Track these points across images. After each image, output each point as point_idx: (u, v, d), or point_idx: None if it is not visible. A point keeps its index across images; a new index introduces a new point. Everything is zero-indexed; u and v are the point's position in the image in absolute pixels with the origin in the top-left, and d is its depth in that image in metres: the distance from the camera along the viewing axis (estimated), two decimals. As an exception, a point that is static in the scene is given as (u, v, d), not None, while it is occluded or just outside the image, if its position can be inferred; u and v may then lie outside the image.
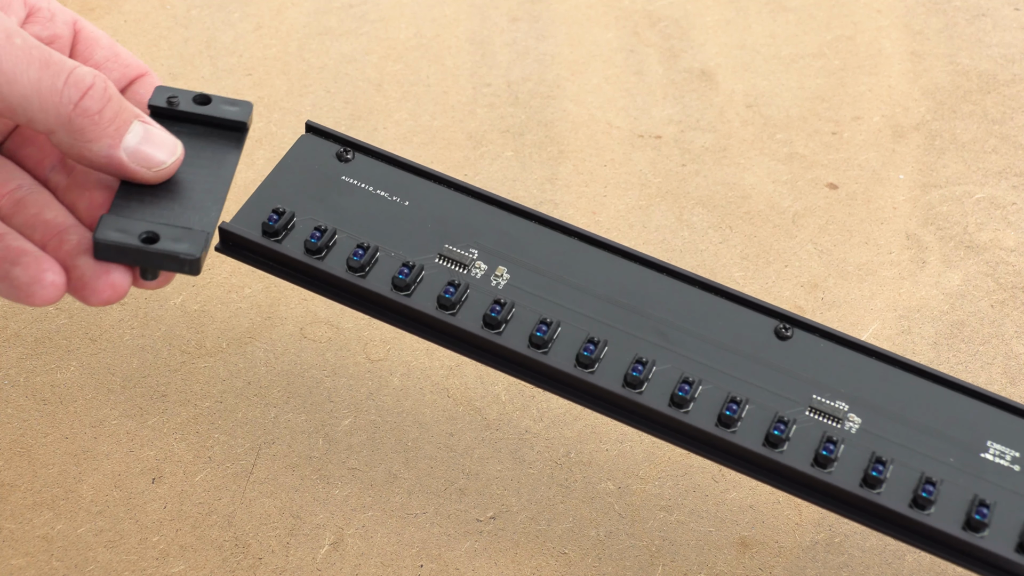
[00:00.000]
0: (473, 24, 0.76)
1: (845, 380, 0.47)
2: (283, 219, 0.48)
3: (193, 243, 0.45)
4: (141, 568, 0.53)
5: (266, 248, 0.48)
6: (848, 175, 0.69)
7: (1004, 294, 0.64)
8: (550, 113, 0.71)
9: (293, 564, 0.53)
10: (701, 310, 0.48)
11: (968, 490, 0.44)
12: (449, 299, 0.47)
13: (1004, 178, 0.69)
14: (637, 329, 0.47)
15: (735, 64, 0.75)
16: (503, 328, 0.47)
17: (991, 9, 0.78)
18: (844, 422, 0.46)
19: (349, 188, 0.50)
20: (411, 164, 0.51)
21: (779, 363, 0.47)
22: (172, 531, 0.54)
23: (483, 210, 0.50)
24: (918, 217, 0.67)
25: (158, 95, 0.49)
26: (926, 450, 0.45)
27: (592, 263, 0.49)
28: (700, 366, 0.47)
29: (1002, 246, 0.66)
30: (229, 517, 0.55)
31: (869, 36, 0.76)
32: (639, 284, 0.49)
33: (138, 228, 0.45)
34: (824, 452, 0.44)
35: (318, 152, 0.51)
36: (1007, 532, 0.43)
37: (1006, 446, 0.45)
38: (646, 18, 0.77)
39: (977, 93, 0.73)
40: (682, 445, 0.46)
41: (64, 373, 0.59)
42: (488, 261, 0.49)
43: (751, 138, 0.70)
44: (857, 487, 0.44)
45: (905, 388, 0.47)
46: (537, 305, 0.48)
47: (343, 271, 0.48)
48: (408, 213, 0.50)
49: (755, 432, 0.45)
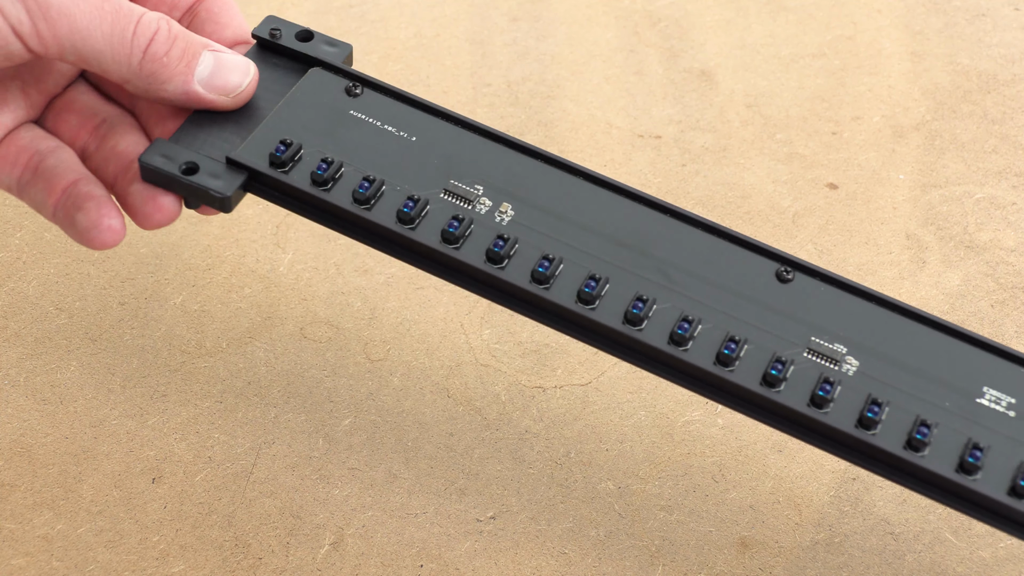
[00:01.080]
0: (473, 24, 0.76)
1: (844, 324, 0.47)
2: (290, 150, 0.48)
3: (228, 181, 0.46)
4: (141, 568, 0.53)
5: (273, 179, 0.48)
6: (848, 175, 0.69)
7: (1004, 294, 0.64)
8: (550, 113, 0.71)
9: (293, 564, 0.53)
10: (703, 251, 0.48)
11: (963, 434, 0.44)
12: (453, 233, 0.47)
13: (1004, 178, 0.69)
14: (639, 268, 0.48)
15: (735, 64, 0.75)
16: (506, 263, 0.47)
17: (991, 9, 0.78)
18: (842, 364, 0.46)
19: (357, 123, 0.50)
20: (420, 100, 0.51)
21: (779, 305, 0.47)
22: (172, 531, 0.54)
23: (490, 148, 0.50)
24: (918, 217, 0.67)
25: (264, 25, 0.51)
26: (922, 394, 0.45)
27: (596, 203, 0.49)
28: (700, 306, 0.47)
29: (1002, 246, 0.66)
30: (229, 517, 0.55)
31: (869, 36, 0.76)
32: (642, 224, 0.49)
33: (183, 156, 0.47)
34: (820, 392, 0.45)
35: (327, 86, 0.51)
36: (1000, 475, 0.44)
37: (1002, 392, 0.46)
38: (646, 18, 0.77)
39: (977, 93, 0.73)
40: (680, 383, 0.46)
41: (64, 373, 0.59)
42: (493, 197, 0.49)
43: (751, 138, 0.71)
44: (853, 428, 0.44)
45: (903, 333, 0.47)
46: (540, 242, 0.48)
47: (348, 203, 0.48)
48: (415, 149, 0.50)
49: (753, 371, 0.45)
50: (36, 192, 0.47)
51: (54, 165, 0.47)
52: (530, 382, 0.59)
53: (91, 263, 0.63)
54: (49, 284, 0.62)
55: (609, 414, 0.58)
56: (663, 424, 0.58)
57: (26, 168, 0.47)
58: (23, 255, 0.63)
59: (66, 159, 0.48)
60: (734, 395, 0.46)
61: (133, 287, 0.62)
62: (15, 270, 0.62)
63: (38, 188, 0.47)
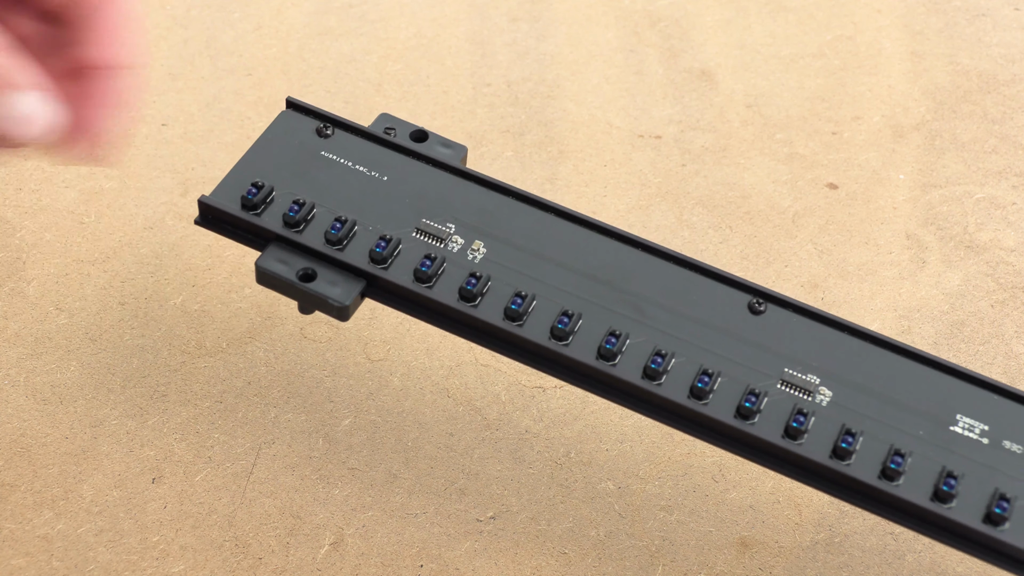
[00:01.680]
0: (473, 24, 0.76)
1: (817, 354, 0.47)
2: (262, 193, 0.49)
3: (348, 290, 0.48)
4: (141, 568, 0.53)
5: (245, 221, 0.48)
6: (848, 175, 0.69)
7: (1004, 294, 0.64)
8: (550, 113, 0.71)
9: (293, 564, 0.53)
10: (675, 285, 0.48)
11: (937, 462, 0.45)
12: (425, 272, 0.48)
13: (1004, 178, 0.69)
14: (612, 303, 0.48)
15: (735, 64, 0.75)
16: (479, 301, 0.47)
17: (991, 9, 0.78)
18: (815, 395, 0.46)
19: (328, 163, 0.51)
20: (389, 141, 0.51)
21: (752, 337, 0.47)
22: (172, 531, 0.54)
23: (460, 185, 0.51)
24: (918, 217, 0.67)
25: (378, 123, 0.52)
26: (896, 423, 0.46)
27: (568, 238, 0.50)
28: (673, 339, 0.47)
29: (1002, 246, 0.66)
30: (229, 517, 0.55)
31: (869, 36, 0.76)
32: (614, 259, 0.49)
33: (298, 264, 0.48)
34: (795, 424, 0.45)
35: (298, 128, 0.52)
36: (975, 503, 0.44)
37: (975, 419, 0.46)
38: (646, 18, 0.77)
39: (977, 93, 0.73)
40: (654, 417, 0.46)
41: (64, 373, 0.59)
42: (465, 235, 0.49)
43: (751, 138, 0.70)
44: (827, 458, 0.45)
45: (876, 362, 0.47)
46: (513, 279, 0.48)
47: (321, 244, 0.48)
48: (386, 188, 0.50)
49: (727, 404, 0.46)
50: None
51: None
52: (530, 382, 0.59)
53: (91, 263, 0.63)
54: (49, 284, 0.62)
55: (609, 414, 0.58)
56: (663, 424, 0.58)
57: None
58: (23, 255, 0.63)
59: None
60: (709, 428, 0.46)
61: (133, 287, 0.62)
62: (15, 270, 0.62)
63: None
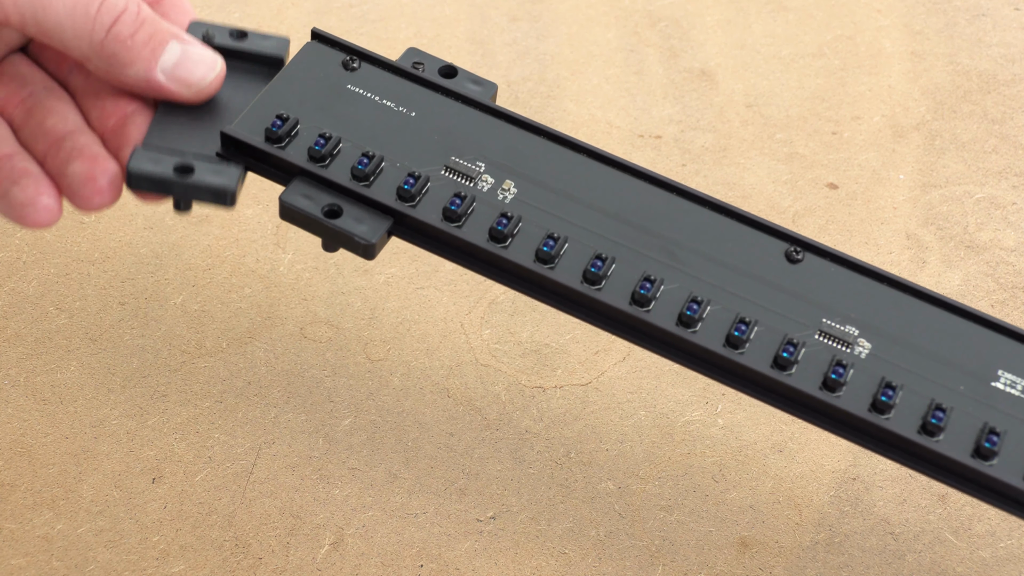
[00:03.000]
0: (473, 24, 0.76)
1: (856, 305, 0.46)
2: (287, 125, 0.47)
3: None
4: (141, 568, 0.53)
5: (269, 154, 0.47)
6: (848, 175, 0.69)
7: (1004, 294, 0.64)
8: (550, 113, 0.71)
9: (293, 564, 0.53)
10: (711, 231, 0.47)
11: (978, 418, 0.44)
12: (455, 211, 0.46)
13: (1004, 178, 0.69)
14: (646, 248, 0.46)
15: (735, 64, 0.75)
16: (509, 242, 0.46)
17: (991, 9, 0.78)
18: (854, 347, 0.45)
19: (355, 97, 0.49)
20: (418, 76, 0.50)
21: (789, 286, 0.46)
22: (172, 531, 0.54)
23: (491, 124, 0.49)
24: (918, 217, 0.67)
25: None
26: (936, 377, 0.44)
27: (601, 180, 0.48)
28: (709, 286, 0.46)
29: (1002, 246, 0.66)
30: (229, 517, 0.55)
31: (869, 36, 0.76)
32: (649, 203, 0.47)
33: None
34: (833, 376, 0.44)
35: (323, 60, 0.50)
36: (1016, 461, 0.43)
37: (1018, 376, 0.45)
38: (646, 18, 0.77)
39: (977, 93, 0.73)
40: (689, 365, 0.45)
41: (64, 373, 0.59)
42: (495, 175, 0.47)
43: (751, 138, 0.71)
44: (866, 412, 0.43)
45: (917, 315, 0.46)
46: (544, 220, 0.46)
47: (347, 179, 0.46)
48: (414, 124, 0.48)
49: (763, 354, 0.44)
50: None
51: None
52: (530, 382, 0.59)
53: (91, 263, 0.63)
54: (49, 284, 0.62)
55: (609, 414, 0.58)
56: (663, 424, 0.58)
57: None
58: (23, 255, 0.63)
59: (1, 133, 0.46)
60: (744, 378, 0.45)
61: (133, 287, 0.62)
62: (15, 270, 0.62)
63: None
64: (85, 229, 0.64)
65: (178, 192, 0.46)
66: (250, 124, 0.47)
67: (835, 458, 0.57)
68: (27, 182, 0.44)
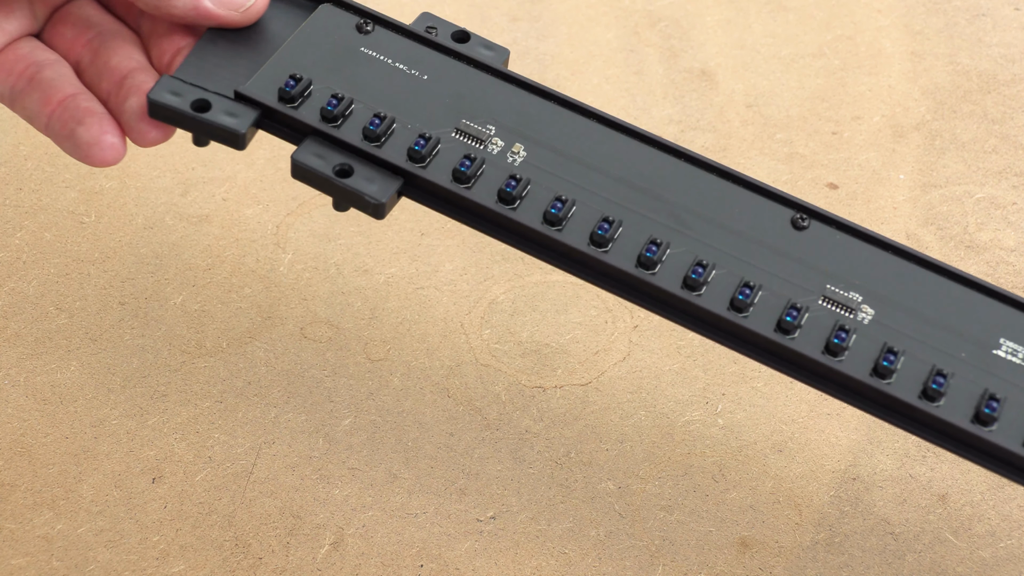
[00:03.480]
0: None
1: (860, 272, 0.46)
2: (300, 85, 0.48)
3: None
4: (141, 568, 0.53)
5: (282, 114, 0.47)
6: (848, 175, 0.69)
7: (1004, 294, 0.64)
8: (550, 113, 0.71)
9: (293, 564, 0.53)
10: (718, 197, 0.48)
11: (978, 384, 0.44)
12: (464, 172, 0.47)
13: (1004, 178, 0.69)
14: (653, 212, 0.47)
15: (735, 64, 0.75)
16: (518, 204, 0.46)
17: (991, 9, 0.78)
18: (857, 312, 0.45)
19: (368, 60, 0.50)
20: (431, 39, 0.50)
21: (794, 252, 0.46)
22: (172, 531, 0.54)
23: (502, 88, 0.49)
24: (918, 217, 0.67)
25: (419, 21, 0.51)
26: (938, 344, 0.45)
27: (610, 146, 0.49)
28: (714, 251, 0.46)
29: (1002, 246, 0.66)
30: (229, 517, 0.55)
31: (869, 36, 0.76)
32: (656, 168, 0.48)
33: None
34: (836, 340, 0.44)
35: (337, 23, 0.50)
36: (1016, 427, 0.43)
37: (1019, 344, 0.45)
38: (646, 18, 0.77)
39: (977, 93, 0.73)
40: (693, 328, 0.46)
41: (64, 373, 0.59)
42: (505, 138, 0.48)
43: (751, 138, 0.71)
44: (867, 376, 0.44)
45: (920, 283, 0.46)
46: (553, 183, 0.47)
47: (359, 140, 0.47)
48: (426, 87, 0.49)
49: (767, 317, 0.45)
50: (31, 102, 0.46)
51: (51, 77, 0.46)
52: (530, 382, 0.59)
53: (91, 263, 0.63)
54: (49, 284, 0.62)
55: (609, 414, 0.58)
56: (663, 424, 0.58)
57: (21, 77, 0.47)
58: (23, 255, 0.63)
59: (64, 73, 0.47)
60: (748, 342, 0.45)
61: (133, 287, 0.62)
62: (15, 270, 0.62)
63: (33, 98, 0.46)
64: (85, 229, 0.64)
65: (192, 127, 0.46)
66: (264, 83, 0.48)
67: (835, 458, 0.57)
68: (91, 121, 0.45)
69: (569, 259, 0.46)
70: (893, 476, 0.57)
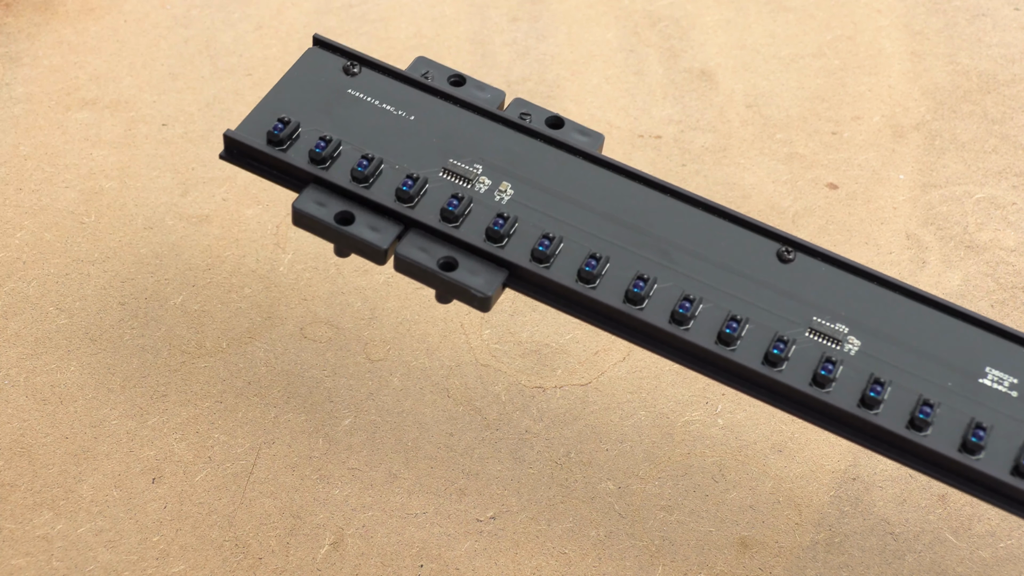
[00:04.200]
0: (473, 24, 0.76)
1: (846, 304, 0.47)
2: (288, 128, 0.48)
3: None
4: (141, 568, 0.53)
5: (270, 157, 0.48)
6: (848, 175, 0.69)
7: (1004, 294, 0.64)
8: (550, 113, 0.71)
9: (293, 564, 0.53)
10: (704, 231, 0.48)
11: (965, 414, 0.45)
12: (452, 211, 0.47)
13: (1004, 178, 0.69)
14: (640, 248, 0.48)
15: (735, 64, 0.75)
16: (505, 242, 0.47)
17: (991, 9, 0.78)
18: (844, 344, 0.46)
19: (355, 101, 0.50)
20: (418, 80, 0.51)
21: (780, 285, 0.47)
22: (172, 531, 0.54)
23: (488, 127, 0.50)
24: (918, 217, 0.67)
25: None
26: (925, 374, 0.45)
27: (596, 183, 0.49)
28: (701, 285, 0.47)
29: (1002, 246, 0.66)
30: (229, 517, 0.55)
31: (869, 36, 0.76)
32: (642, 204, 0.49)
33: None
34: (823, 372, 0.45)
35: (325, 65, 0.51)
36: (1003, 455, 0.44)
37: (1005, 372, 0.46)
38: (646, 18, 0.77)
39: (977, 93, 0.73)
40: (682, 362, 0.46)
41: (64, 373, 0.59)
42: (492, 176, 0.49)
43: (751, 138, 0.71)
44: (855, 407, 0.44)
45: (906, 314, 0.47)
46: (540, 221, 0.48)
47: (347, 181, 0.48)
48: (413, 127, 0.50)
49: (754, 350, 0.45)
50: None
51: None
52: (530, 382, 0.59)
53: (91, 263, 0.63)
54: (49, 284, 0.62)
55: (609, 414, 0.58)
56: (663, 424, 0.58)
57: None
58: (23, 255, 0.63)
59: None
60: (736, 375, 0.46)
61: (133, 287, 0.62)
62: (15, 270, 0.62)
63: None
64: (85, 229, 0.64)
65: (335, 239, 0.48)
66: (252, 127, 0.48)
67: (835, 458, 0.57)
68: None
69: (558, 296, 0.47)
70: (893, 476, 0.57)
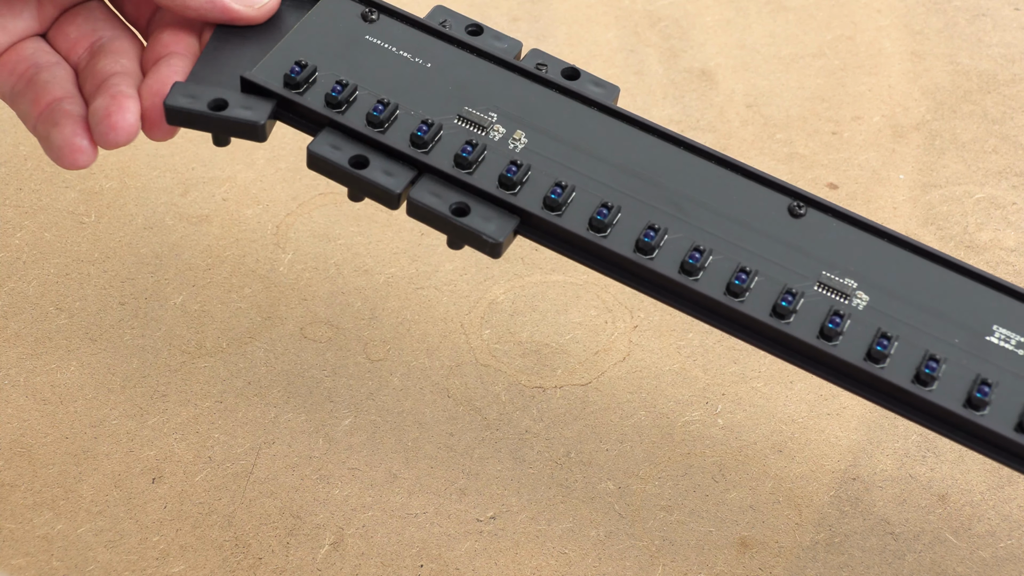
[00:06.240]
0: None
1: (855, 259, 0.47)
2: (305, 72, 0.49)
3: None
4: (141, 568, 0.53)
5: (287, 99, 0.48)
6: (848, 175, 0.69)
7: (1004, 294, 0.64)
8: (550, 113, 0.71)
9: (293, 564, 0.53)
10: (716, 185, 0.48)
11: (971, 370, 0.45)
12: (466, 158, 0.47)
13: (1004, 178, 0.69)
14: (651, 198, 0.48)
15: (735, 64, 0.75)
16: (518, 189, 0.47)
17: (991, 9, 0.78)
18: (852, 298, 0.46)
19: (372, 48, 0.50)
20: (436, 28, 0.51)
21: (791, 239, 0.47)
22: (172, 531, 0.54)
23: (504, 77, 0.50)
24: (918, 217, 0.67)
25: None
26: (932, 330, 0.46)
27: (610, 134, 0.49)
28: (712, 237, 0.47)
29: (1002, 246, 0.66)
30: (229, 517, 0.55)
31: (869, 36, 0.76)
32: (656, 156, 0.49)
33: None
34: (830, 325, 0.45)
35: (343, 11, 0.51)
36: (1007, 412, 0.44)
37: (1012, 331, 0.46)
38: (646, 18, 0.77)
39: (977, 93, 0.73)
40: (690, 312, 0.46)
41: (64, 373, 0.59)
42: (507, 125, 0.49)
43: (751, 138, 0.70)
44: (861, 360, 0.45)
45: (915, 270, 0.47)
46: (553, 169, 0.48)
47: (362, 125, 0.48)
48: (429, 75, 0.50)
49: (763, 302, 0.46)
50: (24, 103, 0.47)
51: (47, 80, 0.47)
52: (530, 382, 0.59)
53: (91, 263, 0.63)
54: (49, 284, 0.62)
55: (609, 414, 0.58)
56: (663, 424, 0.58)
57: (21, 78, 0.47)
58: (23, 255, 0.63)
59: (60, 76, 0.47)
60: (744, 326, 0.46)
61: (133, 287, 0.62)
62: (15, 270, 0.62)
63: (27, 99, 0.47)
64: (85, 229, 0.64)
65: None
66: (269, 70, 0.49)
67: (835, 458, 0.57)
68: (65, 123, 0.46)
69: (568, 244, 0.47)
70: (893, 476, 0.57)
